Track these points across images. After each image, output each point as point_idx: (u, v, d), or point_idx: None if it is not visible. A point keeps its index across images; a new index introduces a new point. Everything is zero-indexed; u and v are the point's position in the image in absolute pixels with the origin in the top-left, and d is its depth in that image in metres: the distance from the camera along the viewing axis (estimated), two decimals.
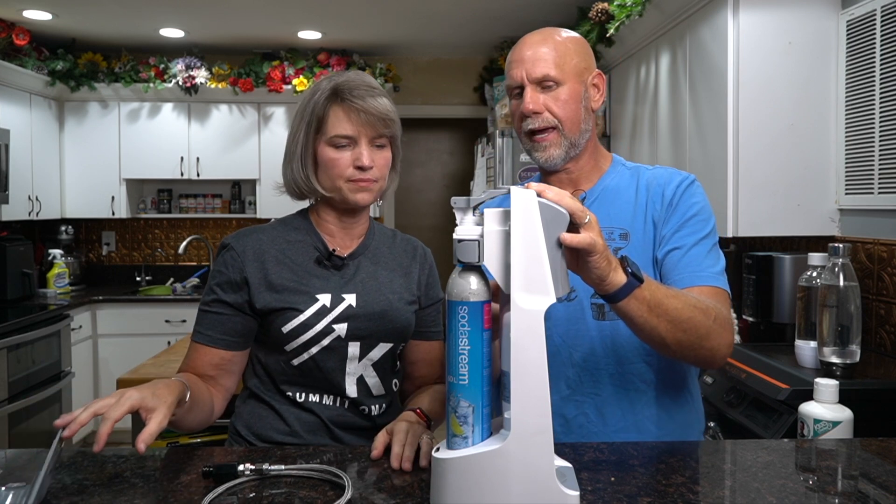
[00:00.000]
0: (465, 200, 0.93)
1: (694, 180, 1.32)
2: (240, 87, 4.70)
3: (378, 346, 1.32)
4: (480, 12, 4.05)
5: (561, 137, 1.28)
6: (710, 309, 1.14)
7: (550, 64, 1.26)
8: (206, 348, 1.29)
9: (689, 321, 1.10)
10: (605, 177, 1.35)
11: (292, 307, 1.27)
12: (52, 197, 4.61)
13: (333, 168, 1.28)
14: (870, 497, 0.99)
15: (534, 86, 1.27)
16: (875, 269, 2.17)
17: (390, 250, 1.41)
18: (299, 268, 1.31)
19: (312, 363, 1.28)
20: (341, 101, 1.28)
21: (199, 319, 1.32)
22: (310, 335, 1.27)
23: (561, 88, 1.27)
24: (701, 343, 1.13)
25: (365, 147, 1.28)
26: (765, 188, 2.35)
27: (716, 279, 1.22)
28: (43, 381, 3.81)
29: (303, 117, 1.30)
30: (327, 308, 1.28)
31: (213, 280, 1.32)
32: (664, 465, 1.08)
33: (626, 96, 3.54)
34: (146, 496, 0.96)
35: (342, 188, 1.29)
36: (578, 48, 1.31)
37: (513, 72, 1.30)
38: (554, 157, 1.29)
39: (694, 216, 1.27)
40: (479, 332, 0.89)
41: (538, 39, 1.29)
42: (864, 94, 2.21)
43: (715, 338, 1.14)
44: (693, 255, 1.23)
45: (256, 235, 1.33)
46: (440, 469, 0.89)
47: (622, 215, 1.30)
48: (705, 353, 1.15)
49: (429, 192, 6.49)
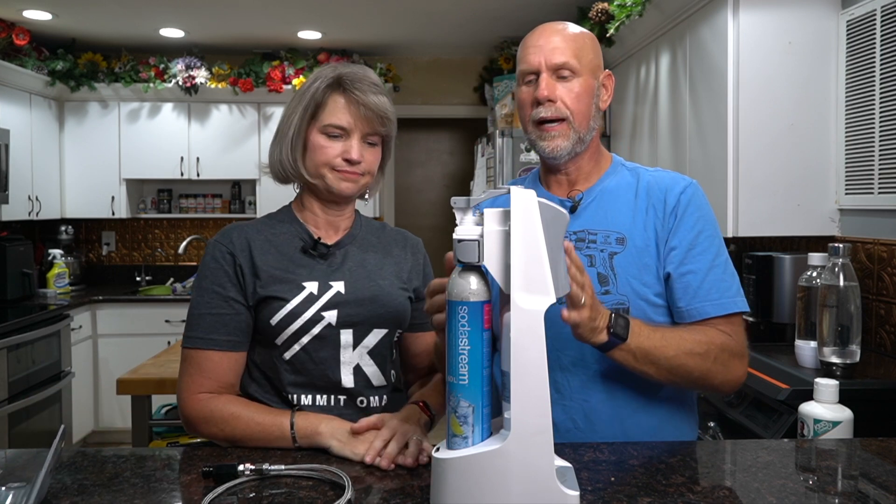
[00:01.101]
0: (465, 200, 0.93)
1: (696, 187, 1.30)
2: (240, 87, 4.70)
3: (372, 333, 1.30)
4: (480, 12, 4.05)
5: (570, 130, 1.26)
6: (711, 351, 1.17)
7: (569, 53, 1.25)
8: (221, 353, 1.25)
9: (680, 367, 1.15)
10: (604, 177, 1.33)
11: (278, 296, 1.25)
12: (52, 197, 4.61)
13: (322, 156, 1.27)
14: (870, 497, 0.99)
15: (550, 73, 1.25)
16: (875, 269, 2.17)
17: (379, 239, 1.39)
18: (284, 257, 1.29)
19: (305, 355, 1.26)
20: (343, 91, 1.27)
21: (197, 324, 1.26)
22: (298, 324, 1.24)
23: (576, 80, 1.26)
24: (696, 384, 1.20)
25: (357, 141, 1.27)
26: (765, 188, 2.35)
27: (734, 303, 1.24)
28: (43, 381, 3.81)
29: (300, 101, 1.29)
30: (314, 296, 1.26)
31: (205, 280, 1.27)
32: (664, 465, 1.08)
33: (626, 96, 3.54)
34: (146, 496, 0.96)
35: (326, 176, 1.28)
36: (593, 45, 1.31)
37: (529, 57, 1.27)
38: (560, 149, 1.26)
39: (701, 233, 1.25)
40: (479, 332, 0.89)
41: (557, 29, 1.28)
42: (864, 94, 2.21)
43: (717, 376, 1.19)
44: (711, 280, 1.23)
45: (241, 228, 1.32)
46: (440, 469, 0.89)
47: (620, 218, 1.28)
48: (707, 388, 1.21)
49: (429, 192, 6.49)
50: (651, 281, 1.25)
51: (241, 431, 1.19)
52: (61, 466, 1.07)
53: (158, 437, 2.48)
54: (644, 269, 1.25)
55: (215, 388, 1.24)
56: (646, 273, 1.25)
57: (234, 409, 1.21)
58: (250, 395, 1.30)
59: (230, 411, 1.21)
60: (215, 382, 1.24)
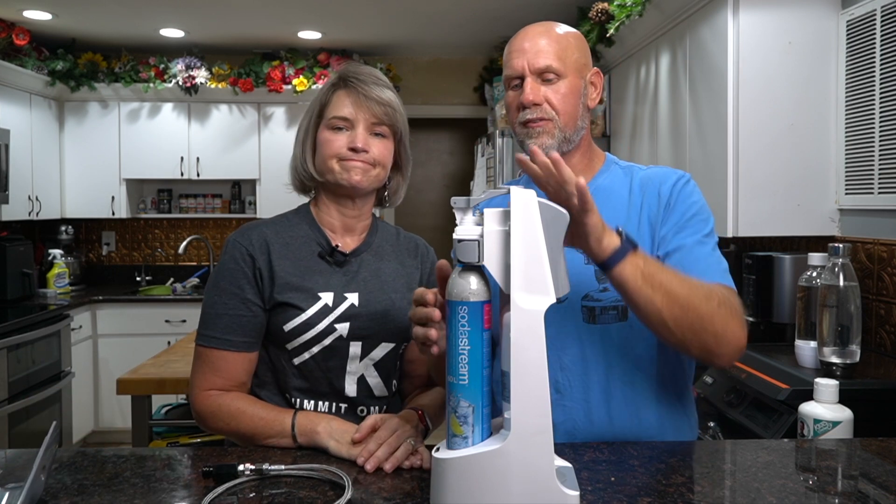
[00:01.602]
0: (465, 200, 0.93)
1: (689, 178, 1.29)
2: (240, 87, 4.70)
3: (380, 346, 1.32)
4: (480, 12, 4.05)
5: (555, 128, 1.26)
6: (714, 294, 1.11)
7: (552, 56, 1.24)
8: (236, 354, 1.26)
9: (686, 298, 1.08)
10: (597, 176, 1.33)
11: (294, 304, 1.26)
12: (52, 197, 4.61)
13: (328, 149, 1.28)
14: (870, 497, 0.99)
15: (535, 77, 1.25)
16: (875, 269, 2.17)
17: (394, 248, 1.40)
18: (301, 263, 1.29)
19: (313, 363, 1.28)
20: (345, 85, 1.29)
21: (214, 323, 1.26)
22: (311, 334, 1.26)
23: (562, 82, 1.25)
24: (703, 326, 1.09)
25: (362, 131, 1.28)
26: (765, 188, 2.35)
27: (722, 277, 1.20)
28: (43, 381, 3.81)
29: (310, 107, 1.33)
30: (329, 307, 1.27)
31: (224, 280, 1.27)
32: (664, 465, 1.08)
33: (626, 96, 3.54)
34: (146, 496, 0.96)
35: (334, 168, 1.28)
36: (579, 43, 1.30)
37: (513, 62, 1.27)
38: (546, 146, 1.25)
39: (694, 216, 1.24)
40: (479, 332, 0.89)
41: (540, 31, 1.27)
42: (864, 94, 2.21)
43: (719, 322, 1.10)
44: (697, 255, 1.21)
45: (260, 229, 1.32)
46: (440, 469, 0.89)
47: (615, 216, 1.27)
48: (709, 339, 1.10)
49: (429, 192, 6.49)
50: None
51: (245, 426, 1.21)
52: (61, 466, 1.07)
53: (158, 437, 2.48)
54: None
55: (227, 386, 1.27)
56: None
57: (240, 404, 1.24)
58: (254, 394, 1.31)
59: (236, 406, 1.23)
60: (228, 381, 1.26)
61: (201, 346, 1.27)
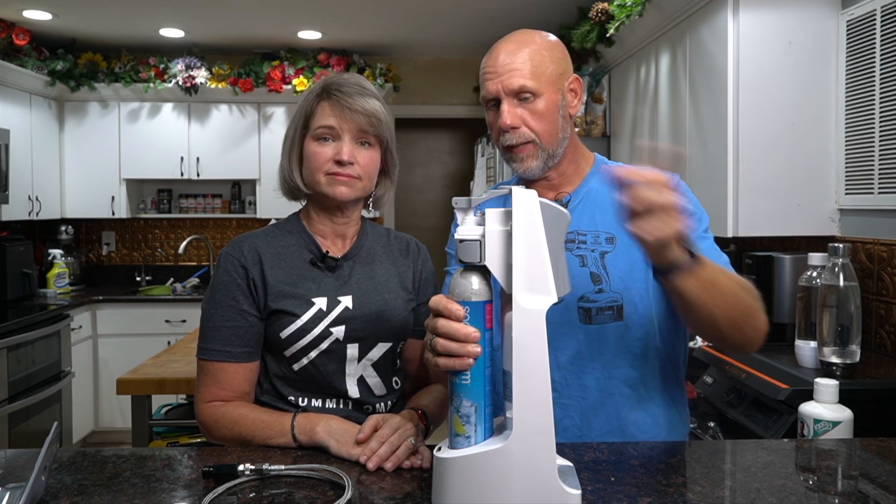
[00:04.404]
0: (467, 201, 0.93)
1: (679, 180, 1.30)
2: (240, 87, 4.70)
3: (377, 347, 1.32)
4: (480, 12, 4.05)
5: (538, 150, 1.26)
6: (749, 286, 1.13)
7: (527, 74, 1.22)
8: (237, 365, 1.27)
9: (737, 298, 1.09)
10: (587, 178, 1.33)
11: (289, 311, 1.26)
12: (52, 197, 4.61)
13: (314, 161, 1.28)
14: (870, 497, 0.99)
15: (510, 98, 1.23)
16: (875, 269, 2.17)
17: (385, 249, 1.40)
18: (294, 271, 1.30)
19: (313, 368, 1.28)
20: (328, 96, 1.29)
21: (213, 336, 1.27)
22: (308, 340, 1.27)
23: (538, 100, 1.23)
24: (747, 321, 1.12)
25: (347, 143, 1.28)
26: (765, 188, 2.35)
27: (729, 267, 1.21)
28: (43, 381, 3.81)
29: (295, 116, 1.33)
30: (324, 312, 1.28)
31: (219, 293, 1.28)
32: (664, 465, 1.08)
33: (626, 96, 3.54)
34: (146, 496, 0.96)
35: (320, 182, 1.29)
36: (554, 54, 1.27)
37: (487, 84, 1.26)
38: (532, 168, 1.27)
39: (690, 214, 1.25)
40: (481, 331, 0.89)
41: (512, 49, 1.25)
42: (864, 94, 2.21)
43: (760, 315, 1.13)
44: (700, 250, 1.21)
45: (251, 240, 1.32)
46: (442, 468, 0.89)
47: (607, 218, 1.27)
48: (751, 332, 1.13)
49: (429, 192, 6.49)
50: (643, 276, 1.25)
51: (247, 430, 1.22)
52: (61, 466, 1.07)
53: (158, 437, 2.48)
54: (635, 265, 1.25)
55: (230, 397, 1.28)
56: (637, 269, 1.25)
57: (242, 410, 1.25)
58: (258, 402, 1.32)
59: (238, 413, 1.25)
60: (230, 391, 1.27)
61: (202, 360, 1.29)
